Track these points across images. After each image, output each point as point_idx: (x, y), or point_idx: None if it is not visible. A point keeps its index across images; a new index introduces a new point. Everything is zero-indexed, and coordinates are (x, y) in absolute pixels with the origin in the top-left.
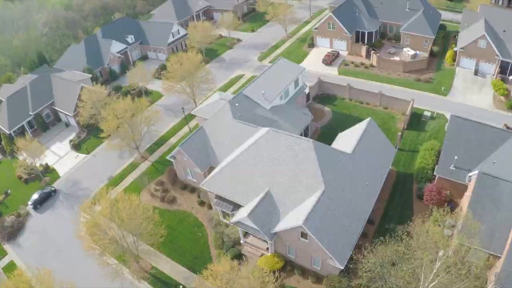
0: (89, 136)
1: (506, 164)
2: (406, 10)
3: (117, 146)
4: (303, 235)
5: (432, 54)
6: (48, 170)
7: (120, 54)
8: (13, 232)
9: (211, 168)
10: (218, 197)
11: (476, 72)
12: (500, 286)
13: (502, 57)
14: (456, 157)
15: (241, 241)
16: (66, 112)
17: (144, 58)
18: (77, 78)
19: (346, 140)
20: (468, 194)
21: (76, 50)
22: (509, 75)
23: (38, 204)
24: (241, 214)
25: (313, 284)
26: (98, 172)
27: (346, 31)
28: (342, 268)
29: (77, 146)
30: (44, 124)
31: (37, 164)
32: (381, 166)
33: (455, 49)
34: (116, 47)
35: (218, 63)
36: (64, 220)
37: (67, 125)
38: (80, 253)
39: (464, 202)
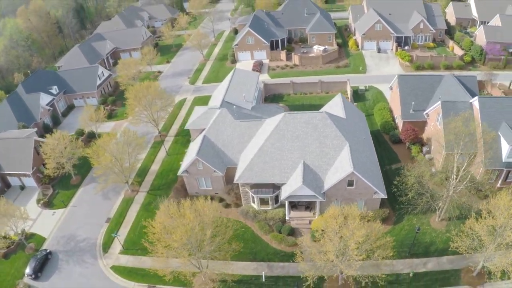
0: (56, 190)
1: (447, 96)
2: (305, 15)
3: (112, 180)
4: (350, 183)
5: (338, 45)
6: (27, 237)
7: (49, 106)
8: None
9: (228, 169)
10: (255, 186)
11: (379, 51)
12: (489, 166)
13: (396, 34)
14: (413, 103)
15: (286, 217)
16: (22, 172)
17: (71, 107)
18: (22, 134)
19: (331, 112)
20: (431, 124)
21: None
22: (404, 46)
23: (38, 272)
24: (290, 188)
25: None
26: (90, 219)
27: (264, 41)
28: (386, 197)
29: (48, 204)
30: None
31: (17, 231)
32: (363, 125)
33: (354, 37)
34: (45, 99)
35: None
36: (80, 275)
37: (22, 187)
38: None
39: (428, 132)
